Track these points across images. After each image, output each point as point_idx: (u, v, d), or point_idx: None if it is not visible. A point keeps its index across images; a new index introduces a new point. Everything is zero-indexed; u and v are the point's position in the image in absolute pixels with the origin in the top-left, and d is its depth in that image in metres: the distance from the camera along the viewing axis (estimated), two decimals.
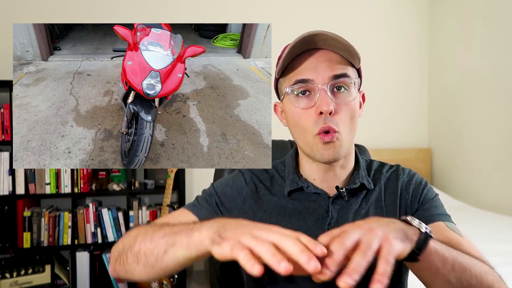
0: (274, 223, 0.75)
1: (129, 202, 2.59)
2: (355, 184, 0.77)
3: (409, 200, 0.80)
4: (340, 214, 0.76)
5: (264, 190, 0.81)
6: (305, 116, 0.71)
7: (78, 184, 2.43)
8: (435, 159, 3.32)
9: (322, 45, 0.71)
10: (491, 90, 2.74)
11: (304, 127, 0.72)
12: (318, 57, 0.71)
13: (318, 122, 0.70)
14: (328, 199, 0.77)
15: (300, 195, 0.79)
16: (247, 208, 0.79)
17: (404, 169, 0.85)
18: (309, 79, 0.70)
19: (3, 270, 2.23)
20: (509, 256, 1.63)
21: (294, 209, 0.77)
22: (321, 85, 0.69)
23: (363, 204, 0.78)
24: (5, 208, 2.33)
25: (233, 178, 0.84)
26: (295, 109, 0.73)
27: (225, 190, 0.82)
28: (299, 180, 0.79)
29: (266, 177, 0.84)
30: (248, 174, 0.84)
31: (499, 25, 2.67)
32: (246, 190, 0.81)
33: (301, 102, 0.72)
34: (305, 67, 0.71)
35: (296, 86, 0.71)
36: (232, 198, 0.81)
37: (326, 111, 0.68)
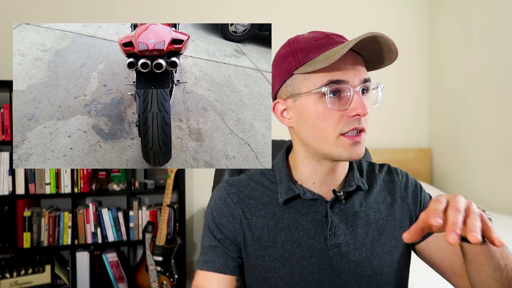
0: (273, 237, 0.75)
1: (129, 202, 2.59)
2: (351, 186, 0.76)
3: (410, 203, 0.81)
4: (340, 218, 0.75)
5: (256, 204, 0.78)
6: (333, 116, 0.69)
7: (78, 184, 2.43)
8: (435, 159, 3.32)
9: (365, 47, 0.69)
10: (491, 90, 2.74)
11: (328, 127, 0.70)
12: (348, 57, 0.69)
13: (350, 123, 0.69)
14: (326, 204, 0.75)
15: (296, 202, 0.76)
16: (245, 229, 0.76)
17: (396, 169, 0.86)
18: (344, 80, 0.68)
19: (3, 270, 2.23)
20: None
21: (291, 219, 0.75)
22: (353, 88, 0.69)
23: (361, 206, 0.77)
24: (5, 208, 2.33)
25: (222, 203, 0.79)
26: (324, 109, 0.69)
27: (221, 220, 0.78)
28: (294, 187, 0.76)
29: (253, 187, 0.80)
30: (234, 193, 0.79)
31: (499, 25, 2.67)
32: (237, 212, 0.77)
33: (334, 103, 0.69)
34: (338, 67, 0.68)
35: (330, 86, 0.68)
36: (230, 225, 0.77)
37: (364, 114, 0.69)
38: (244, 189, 0.80)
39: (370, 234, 0.76)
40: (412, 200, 0.82)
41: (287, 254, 0.73)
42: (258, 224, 0.76)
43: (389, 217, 0.78)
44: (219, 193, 0.81)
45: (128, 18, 2.79)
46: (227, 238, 0.77)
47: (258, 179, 0.81)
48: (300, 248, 0.73)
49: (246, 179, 0.82)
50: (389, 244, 0.76)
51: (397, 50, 0.69)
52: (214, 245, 0.78)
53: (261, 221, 0.76)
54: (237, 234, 0.77)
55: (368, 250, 0.74)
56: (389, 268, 0.75)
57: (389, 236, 0.77)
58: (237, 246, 0.77)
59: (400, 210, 0.80)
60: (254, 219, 0.76)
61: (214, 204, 0.80)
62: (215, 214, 0.79)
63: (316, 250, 0.73)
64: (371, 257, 0.74)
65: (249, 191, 0.79)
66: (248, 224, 0.76)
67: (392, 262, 0.76)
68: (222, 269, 0.76)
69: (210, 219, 0.79)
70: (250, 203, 0.78)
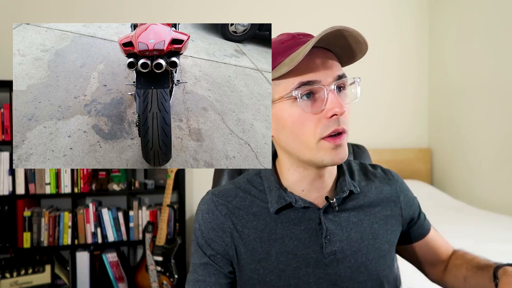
0: (266, 249, 0.72)
1: (129, 202, 2.59)
2: (343, 192, 0.74)
3: (403, 207, 0.82)
4: (334, 224, 0.73)
5: (246, 215, 0.73)
6: (310, 120, 0.65)
7: (78, 184, 2.43)
8: (435, 159, 3.32)
9: (331, 43, 0.66)
10: (491, 90, 2.74)
11: (307, 132, 0.66)
12: (318, 56, 0.66)
13: (329, 125, 0.65)
14: (318, 211, 0.73)
15: (288, 211, 0.73)
16: (237, 242, 0.73)
17: (390, 171, 0.85)
18: (316, 81, 0.65)
19: (3, 270, 2.23)
20: (509, 256, 1.63)
21: (284, 229, 0.72)
22: (327, 87, 0.65)
23: (354, 210, 0.76)
24: (5, 208, 2.33)
25: (209, 216, 0.75)
26: (300, 113, 0.66)
27: (211, 235, 0.74)
28: (285, 195, 0.72)
29: (241, 196, 0.75)
30: (222, 205, 0.75)
31: (499, 25, 2.67)
32: (227, 225, 0.73)
33: (308, 106, 0.65)
34: (308, 67, 0.65)
35: (301, 89, 0.65)
36: (220, 239, 0.73)
37: (340, 113, 0.64)
38: (232, 199, 0.75)
39: (365, 239, 0.74)
40: (404, 205, 0.82)
41: (283, 266, 0.71)
42: (251, 236, 0.72)
43: (382, 221, 0.78)
44: (205, 206, 0.76)
45: (128, 18, 2.79)
46: (218, 254, 0.73)
47: (245, 188, 0.77)
48: (295, 258, 0.71)
49: (233, 188, 0.77)
50: (383, 249, 0.76)
51: (365, 41, 0.65)
52: (204, 263, 0.74)
53: (253, 233, 0.72)
54: (228, 248, 0.73)
55: (363, 255, 0.73)
56: (383, 272, 0.75)
57: (383, 240, 0.76)
58: (229, 260, 0.74)
59: (392, 214, 0.79)
60: (246, 231, 0.73)
61: (201, 219, 0.75)
62: (203, 229, 0.74)
63: (312, 259, 0.71)
64: (366, 262, 0.73)
65: (237, 202, 0.75)
66: (240, 237, 0.72)
67: (386, 266, 0.76)
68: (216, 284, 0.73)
69: (199, 235, 0.75)
70: (240, 214, 0.74)
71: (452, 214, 2.47)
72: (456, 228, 2.07)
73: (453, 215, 2.43)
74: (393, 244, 0.79)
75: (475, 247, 1.76)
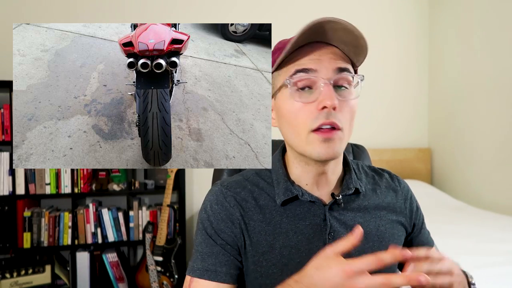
0: (270, 242, 0.71)
1: (129, 202, 2.59)
2: (349, 189, 0.74)
3: (407, 216, 0.81)
4: (339, 223, 0.73)
5: (253, 208, 0.73)
6: (303, 111, 0.66)
7: (78, 184, 2.43)
8: (435, 159, 3.32)
9: (330, 37, 0.66)
10: (491, 90, 2.74)
11: (300, 123, 0.66)
12: (321, 50, 0.67)
13: (319, 118, 0.65)
14: (324, 207, 0.72)
15: (294, 204, 0.73)
16: (244, 233, 0.73)
17: (398, 178, 0.85)
18: (312, 69, 0.65)
19: (3, 270, 2.23)
20: (509, 256, 1.63)
21: (289, 223, 0.72)
22: (324, 79, 0.65)
23: (360, 212, 0.75)
24: (5, 208, 2.33)
25: (219, 208, 0.74)
26: (294, 104, 0.67)
27: (220, 226, 0.73)
28: (292, 187, 0.72)
29: (249, 189, 0.75)
30: (231, 196, 0.74)
31: (499, 25, 2.67)
32: (236, 216, 0.73)
33: (302, 97, 0.66)
34: (308, 59, 0.66)
35: (296, 77, 0.66)
36: (230, 230, 0.73)
37: (330, 105, 0.64)
38: (240, 191, 0.75)
39: (370, 240, 0.74)
40: (409, 213, 0.81)
41: (286, 260, 0.71)
42: (256, 229, 0.72)
43: (388, 225, 0.77)
44: (214, 196, 0.76)
45: (128, 18, 2.79)
46: (228, 244, 0.73)
47: (253, 180, 0.77)
48: (298, 253, 0.71)
49: (241, 180, 0.78)
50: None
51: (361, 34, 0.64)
52: (216, 252, 0.73)
53: (259, 226, 0.73)
54: (237, 239, 0.73)
55: None
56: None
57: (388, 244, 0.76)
58: (237, 251, 0.73)
59: (398, 220, 0.79)
60: (252, 223, 0.73)
61: (210, 209, 0.75)
62: (213, 219, 0.74)
63: (315, 255, 0.70)
64: None
65: (245, 194, 0.75)
66: (246, 229, 0.73)
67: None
68: (226, 278, 0.72)
69: (208, 225, 0.74)
70: (248, 206, 0.74)
71: (452, 214, 2.47)
72: (456, 228, 2.07)
73: (453, 215, 2.43)
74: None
75: (475, 247, 1.77)
